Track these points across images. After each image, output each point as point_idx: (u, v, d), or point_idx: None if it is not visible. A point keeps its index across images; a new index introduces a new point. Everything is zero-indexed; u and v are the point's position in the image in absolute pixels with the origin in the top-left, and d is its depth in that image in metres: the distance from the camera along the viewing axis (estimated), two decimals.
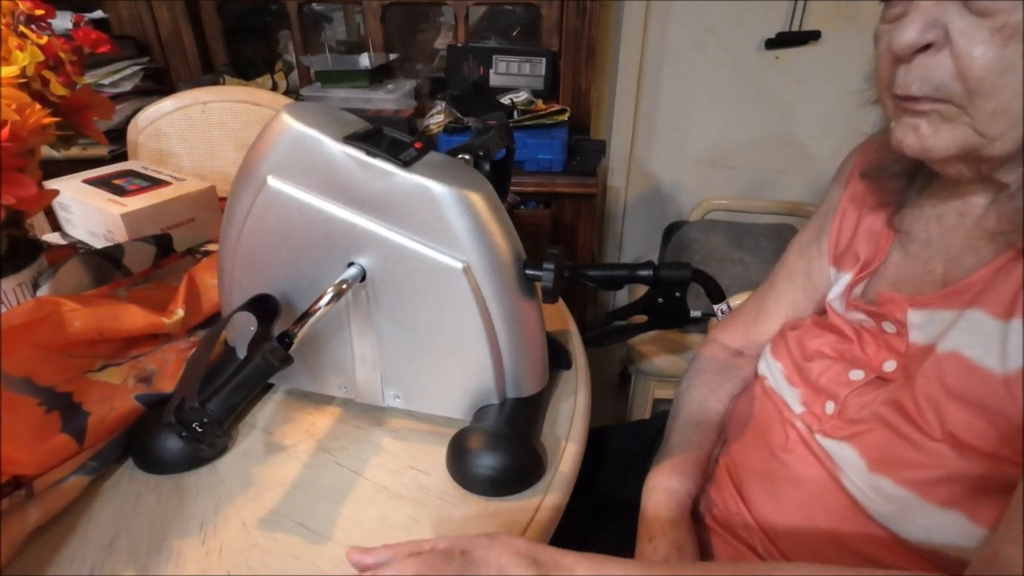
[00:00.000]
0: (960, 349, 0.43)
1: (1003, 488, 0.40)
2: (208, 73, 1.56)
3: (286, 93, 1.55)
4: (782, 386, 0.58)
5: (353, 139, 0.48)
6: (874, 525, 0.47)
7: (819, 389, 0.54)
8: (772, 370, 0.60)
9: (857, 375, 0.52)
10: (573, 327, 0.73)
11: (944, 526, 0.43)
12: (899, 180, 0.55)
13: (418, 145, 0.51)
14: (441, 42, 1.64)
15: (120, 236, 0.77)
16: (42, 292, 0.63)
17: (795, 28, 1.56)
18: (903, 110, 0.44)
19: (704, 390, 0.66)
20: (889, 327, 0.51)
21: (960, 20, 0.38)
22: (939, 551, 0.43)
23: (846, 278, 0.57)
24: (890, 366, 0.50)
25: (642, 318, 0.68)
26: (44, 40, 0.58)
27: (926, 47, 0.40)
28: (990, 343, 0.42)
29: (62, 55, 0.60)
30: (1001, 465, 0.40)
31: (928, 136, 0.42)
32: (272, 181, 0.49)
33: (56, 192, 0.62)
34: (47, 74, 0.58)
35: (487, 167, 0.58)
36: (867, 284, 0.56)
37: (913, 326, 0.49)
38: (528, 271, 0.52)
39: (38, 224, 0.89)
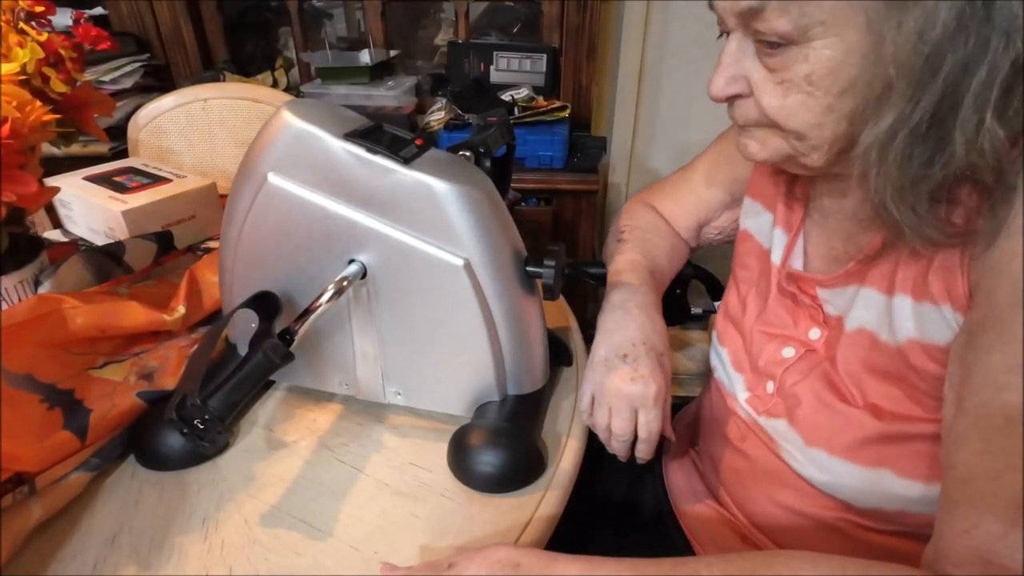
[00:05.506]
0: (864, 325, 0.48)
1: (921, 441, 0.45)
2: (208, 70, 1.56)
3: (286, 90, 1.55)
4: (730, 375, 0.60)
5: (354, 136, 0.48)
6: (825, 497, 0.50)
7: (760, 372, 0.56)
8: (721, 358, 0.62)
9: (789, 352, 0.54)
10: (574, 324, 0.73)
11: (878, 486, 0.47)
12: None
13: (419, 142, 0.51)
14: (442, 38, 1.64)
15: (121, 233, 0.77)
16: (43, 289, 0.63)
17: None
18: (739, 128, 0.49)
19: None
20: (806, 300, 0.54)
21: (756, 73, 0.44)
22: (882, 511, 0.48)
23: (781, 239, 0.57)
24: (815, 334, 0.52)
25: None
26: (44, 37, 0.58)
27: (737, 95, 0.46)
28: (882, 318, 0.47)
29: (62, 52, 0.60)
30: (915, 423, 0.45)
31: (756, 153, 0.48)
32: (273, 178, 0.49)
33: (57, 189, 0.62)
34: (47, 71, 0.58)
35: (488, 164, 0.58)
36: (792, 254, 0.57)
37: (825, 301, 0.52)
38: (529, 268, 0.52)
39: (39, 221, 0.89)
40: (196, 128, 1.25)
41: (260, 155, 0.49)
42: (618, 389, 0.51)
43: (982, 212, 0.40)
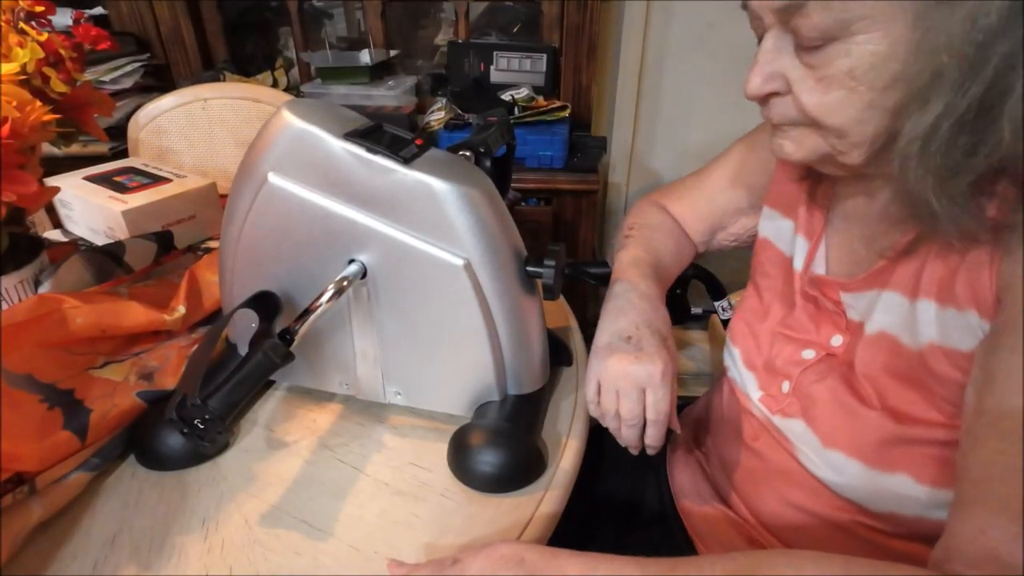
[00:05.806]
0: (886, 328, 0.48)
1: (939, 446, 0.45)
2: (208, 70, 1.56)
3: (286, 90, 1.55)
4: (742, 373, 0.59)
5: (354, 136, 0.48)
6: (839, 499, 0.50)
7: (775, 371, 0.56)
8: (733, 357, 0.61)
9: (809, 354, 0.54)
10: (574, 324, 0.73)
11: (894, 490, 0.46)
12: None
13: (419, 142, 0.51)
14: (442, 38, 1.64)
15: (121, 233, 0.77)
16: (43, 289, 0.63)
17: None
18: (773, 127, 0.48)
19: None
20: (829, 305, 0.53)
21: (795, 71, 0.43)
22: (897, 516, 0.47)
23: (803, 245, 0.57)
24: (837, 341, 0.52)
25: None
26: (44, 37, 0.58)
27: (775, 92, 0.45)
28: (905, 321, 0.46)
29: (62, 52, 0.60)
30: (933, 428, 0.45)
31: (792, 153, 0.47)
32: (273, 178, 0.49)
33: (57, 189, 0.62)
34: (47, 71, 0.58)
35: (488, 164, 0.58)
36: (814, 260, 0.56)
37: (848, 306, 0.51)
38: (529, 268, 0.52)
39: (39, 221, 0.89)
40: (196, 128, 1.25)
41: (260, 155, 0.49)
42: (624, 370, 0.50)
43: (1018, 207, 0.39)
